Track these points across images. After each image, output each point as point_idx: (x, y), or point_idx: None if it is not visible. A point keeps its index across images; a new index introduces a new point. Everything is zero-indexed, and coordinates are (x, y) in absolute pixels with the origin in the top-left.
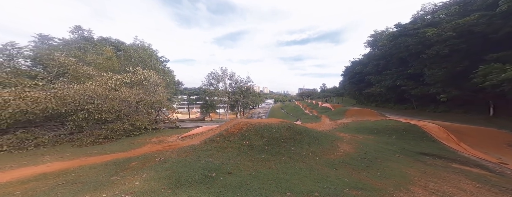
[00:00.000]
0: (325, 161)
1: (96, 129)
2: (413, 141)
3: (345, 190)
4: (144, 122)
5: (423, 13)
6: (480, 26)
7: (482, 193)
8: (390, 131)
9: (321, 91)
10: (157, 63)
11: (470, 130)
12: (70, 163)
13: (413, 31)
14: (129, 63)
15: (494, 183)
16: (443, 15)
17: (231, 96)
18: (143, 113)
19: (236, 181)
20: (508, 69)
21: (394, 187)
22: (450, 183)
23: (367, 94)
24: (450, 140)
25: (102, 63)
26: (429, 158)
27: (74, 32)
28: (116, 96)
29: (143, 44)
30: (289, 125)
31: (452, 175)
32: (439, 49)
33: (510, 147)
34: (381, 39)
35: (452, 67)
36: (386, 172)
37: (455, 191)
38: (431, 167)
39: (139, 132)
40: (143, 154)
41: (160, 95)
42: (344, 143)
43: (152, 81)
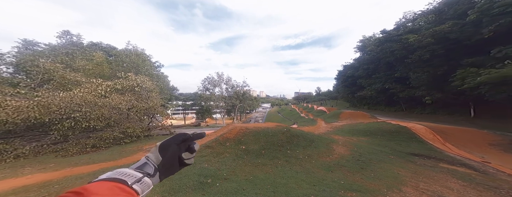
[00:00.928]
0: (321, 164)
1: (83, 137)
2: (403, 142)
3: (341, 193)
4: (136, 129)
5: (405, 21)
6: (454, 33)
7: (468, 191)
8: (381, 133)
9: (316, 94)
10: (150, 68)
11: (454, 131)
12: (54, 174)
13: (397, 37)
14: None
15: (479, 182)
16: (422, 23)
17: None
18: (135, 120)
19: (232, 186)
20: (483, 73)
21: (387, 188)
22: (439, 182)
23: (359, 97)
24: (436, 140)
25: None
26: (418, 158)
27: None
28: (106, 103)
29: (136, 49)
30: (286, 128)
31: (440, 175)
32: (421, 54)
33: (491, 146)
34: (369, 44)
35: (434, 71)
36: (379, 173)
37: (443, 190)
38: (421, 167)
39: (131, 140)
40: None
41: (153, 101)
42: (339, 146)
43: (145, 87)
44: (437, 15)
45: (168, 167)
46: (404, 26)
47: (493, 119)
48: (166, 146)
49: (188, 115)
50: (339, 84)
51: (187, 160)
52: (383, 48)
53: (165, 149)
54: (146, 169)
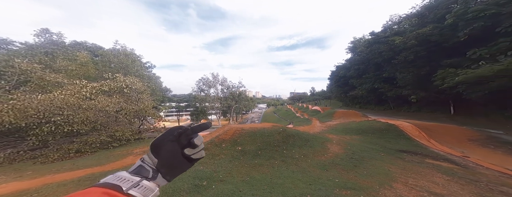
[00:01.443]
0: (317, 162)
1: (65, 142)
2: (392, 140)
3: (336, 191)
4: (126, 133)
5: (391, 23)
6: (435, 36)
7: (452, 185)
8: (372, 131)
9: (311, 94)
10: (141, 69)
11: (437, 127)
12: (32, 183)
13: (384, 39)
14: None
15: (461, 175)
16: (406, 26)
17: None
18: (124, 123)
19: (228, 188)
20: (460, 73)
21: (379, 185)
22: (425, 177)
23: (351, 96)
24: (421, 137)
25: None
26: (406, 155)
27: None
28: (91, 106)
29: (124, 49)
30: (282, 128)
31: (427, 170)
32: (406, 55)
33: (470, 141)
34: (360, 45)
35: (418, 71)
36: (372, 171)
37: (430, 185)
38: (409, 163)
39: (120, 144)
40: (125, 167)
41: (144, 103)
42: (334, 144)
43: (135, 89)
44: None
45: (170, 167)
46: (391, 28)
47: (470, 116)
48: (157, 145)
49: (182, 116)
50: (332, 84)
51: (193, 155)
52: (372, 49)
53: (157, 148)
54: (143, 172)
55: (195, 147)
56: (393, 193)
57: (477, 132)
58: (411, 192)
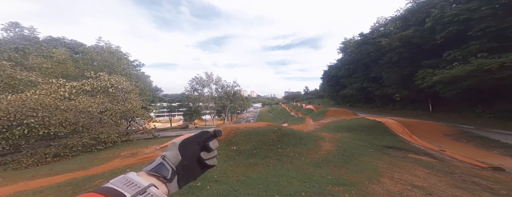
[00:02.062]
0: (310, 160)
1: (41, 146)
2: (379, 136)
3: (329, 187)
4: (111, 135)
5: (378, 25)
6: (416, 38)
7: (431, 177)
8: (361, 128)
9: (305, 93)
10: (128, 67)
11: (417, 124)
12: (2, 191)
13: (372, 40)
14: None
15: (439, 168)
16: (392, 28)
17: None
18: (110, 124)
19: (223, 188)
20: (437, 73)
21: (368, 180)
22: (409, 171)
23: (342, 95)
24: (405, 133)
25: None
26: (392, 150)
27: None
28: (71, 107)
29: (109, 46)
30: (276, 128)
31: (410, 164)
32: (391, 56)
33: (445, 136)
34: (350, 46)
35: (401, 71)
36: (361, 166)
37: (412, 178)
38: (394, 158)
39: (105, 146)
40: (111, 170)
41: (132, 103)
42: (326, 142)
43: (122, 88)
44: (403, 21)
45: (188, 170)
46: (378, 30)
47: (446, 113)
48: (187, 144)
49: (174, 117)
50: (325, 84)
51: (208, 161)
52: (361, 50)
53: (186, 147)
54: (162, 171)
55: (210, 150)
56: (380, 188)
57: (452, 128)
58: (397, 186)
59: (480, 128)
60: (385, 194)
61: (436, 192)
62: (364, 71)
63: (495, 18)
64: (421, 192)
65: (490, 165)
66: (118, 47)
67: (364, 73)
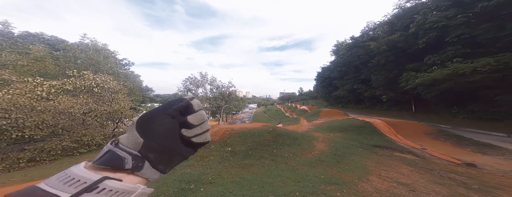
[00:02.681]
0: (304, 160)
1: (14, 150)
2: (368, 136)
3: (322, 187)
4: (96, 137)
5: (367, 29)
6: (401, 43)
7: (414, 174)
8: (352, 128)
9: (299, 94)
10: (116, 66)
11: (402, 124)
12: None
13: (362, 43)
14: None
15: (421, 166)
16: (380, 32)
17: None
18: (95, 126)
19: (218, 190)
20: (419, 76)
21: (358, 179)
22: (394, 169)
23: (335, 96)
24: (391, 132)
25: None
26: (379, 149)
27: None
28: (49, 107)
29: (95, 43)
30: (272, 128)
31: (395, 162)
32: (379, 59)
33: (426, 135)
34: (342, 48)
35: (388, 74)
36: (352, 165)
37: (398, 176)
38: (381, 157)
39: (88, 149)
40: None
41: (120, 104)
42: (319, 142)
43: (108, 88)
44: (390, 26)
45: (164, 151)
46: (367, 34)
47: (426, 113)
48: (149, 120)
49: None
50: (318, 85)
51: (194, 138)
52: (352, 52)
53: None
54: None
55: (191, 127)
56: (369, 186)
57: (431, 127)
58: (384, 183)
59: (456, 127)
60: (373, 192)
61: (419, 188)
62: (355, 73)
63: (469, 26)
64: (405, 188)
65: (464, 161)
66: (105, 44)
67: (355, 75)
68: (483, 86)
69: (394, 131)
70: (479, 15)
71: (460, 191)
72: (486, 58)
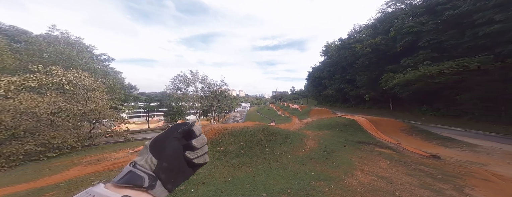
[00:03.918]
0: (296, 158)
1: None
2: (353, 133)
3: (312, 183)
4: (68, 139)
5: (354, 31)
6: (382, 46)
7: (391, 168)
8: (339, 126)
9: (291, 93)
10: (92, 62)
11: (381, 121)
12: None
13: (349, 45)
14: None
15: (397, 159)
16: (364, 35)
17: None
18: (66, 127)
19: (209, 190)
20: (396, 77)
21: (344, 174)
22: (375, 163)
23: (324, 95)
24: (372, 129)
25: None
26: (362, 145)
27: None
28: (7, 107)
29: (66, 36)
30: (264, 127)
31: (375, 157)
32: (363, 61)
33: (401, 131)
34: (331, 49)
35: (370, 75)
36: (339, 161)
37: (378, 169)
38: (364, 152)
39: (59, 153)
40: (69, 180)
41: (97, 103)
42: (310, 140)
43: (83, 85)
44: (373, 30)
45: (172, 171)
46: (353, 36)
47: (401, 111)
48: (160, 143)
49: (153, 117)
50: (309, 84)
51: (195, 160)
52: (340, 54)
53: (159, 146)
54: (134, 180)
55: (194, 149)
56: (354, 180)
57: (405, 124)
58: (366, 177)
59: (425, 123)
60: (357, 186)
61: (395, 180)
62: (342, 73)
63: (437, 32)
64: (384, 181)
65: (430, 154)
66: (79, 38)
67: (342, 75)
68: (447, 87)
69: (375, 128)
70: (446, 22)
71: (427, 181)
72: (450, 61)
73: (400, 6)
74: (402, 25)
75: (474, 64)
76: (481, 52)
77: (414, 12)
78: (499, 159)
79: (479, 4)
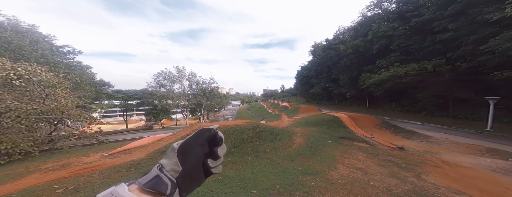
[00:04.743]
0: (285, 154)
1: None
2: (336, 129)
3: (299, 178)
4: (21, 143)
5: (338, 33)
6: (362, 47)
7: (367, 160)
8: (324, 123)
9: (281, 91)
10: (52, 54)
11: (359, 117)
12: None
13: (334, 46)
14: None
15: (371, 152)
16: (347, 36)
17: (192, 98)
18: (17, 130)
19: (198, 190)
20: (372, 77)
21: (328, 168)
22: (354, 157)
23: (311, 93)
24: (352, 125)
25: None
26: (344, 140)
27: None
28: None
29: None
30: (255, 125)
31: (354, 151)
32: (345, 61)
33: (375, 126)
34: (318, 49)
35: (351, 74)
36: (324, 156)
37: (356, 162)
38: (345, 147)
39: (8, 160)
40: (23, 190)
41: (59, 101)
42: (298, 136)
43: (40, 81)
44: (355, 32)
45: (191, 180)
46: (338, 37)
47: (375, 108)
48: (187, 148)
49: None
50: (298, 83)
51: (213, 169)
52: (326, 54)
53: (187, 152)
54: (160, 186)
55: (217, 158)
56: (336, 173)
57: (378, 119)
58: (346, 170)
59: (393, 119)
60: (339, 178)
61: (370, 171)
62: (328, 72)
63: (406, 37)
64: (361, 172)
65: (397, 146)
66: (32, 26)
67: (327, 75)
68: (411, 86)
69: (354, 124)
70: (412, 28)
71: (395, 170)
72: (414, 64)
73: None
74: (378, 29)
75: (431, 66)
76: (437, 56)
77: (388, 17)
78: (447, 148)
79: (437, 13)
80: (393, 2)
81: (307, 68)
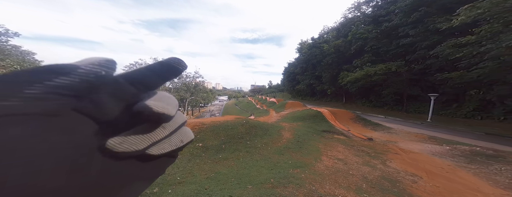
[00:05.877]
0: (275, 149)
1: None
2: (319, 123)
3: (290, 171)
4: None
5: (323, 32)
6: (342, 47)
7: (346, 151)
8: (309, 117)
9: (269, 87)
10: None
11: (338, 112)
12: None
13: (318, 44)
14: None
15: (348, 143)
16: (330, 36)
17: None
18: None
19: (191, 189)
20: (349, 75)
21: (314, 160)
22: (335, 149)
23: (297, 89)
24: (332, 119)
25: None
26: (326, 133)
27: None
28: None
29: None
30: (245, 120)
31: (335, 143)
32: (328, 60)
33: (350, 120)
34: (304, 47)
35: (332, 72)
36: (310, 150)
37: (337, 153)
38: (327, 140)
39: None
40: None
41: None
42: (286, 131)
43: None
44: (337, 32)
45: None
46: (323, 36)
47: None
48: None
49: None
50: (285, 79)
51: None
52: (311, 52)
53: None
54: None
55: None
56: (322, 165)
57: (353, 114)
58: (330, 161)
59: (363, 113)
60: (324, 169)
61: (348, 161)
62: (312, 70)
63: (377, 40)
64: (341, 163)
65: (367, 137)
66: None
67: (312, 72)
68: (377, 84)
69: (334, 118)
70: (383, 32)
71: (366, 159)
72: (381, 64)
73: (357, 13)
74: (356, 30)
75: (394, 67)
76: (399, 58)
77: (365, 20)
78: (402, 138)
79: (403, 20)
80: (370, 6)
81: (294, 65)
